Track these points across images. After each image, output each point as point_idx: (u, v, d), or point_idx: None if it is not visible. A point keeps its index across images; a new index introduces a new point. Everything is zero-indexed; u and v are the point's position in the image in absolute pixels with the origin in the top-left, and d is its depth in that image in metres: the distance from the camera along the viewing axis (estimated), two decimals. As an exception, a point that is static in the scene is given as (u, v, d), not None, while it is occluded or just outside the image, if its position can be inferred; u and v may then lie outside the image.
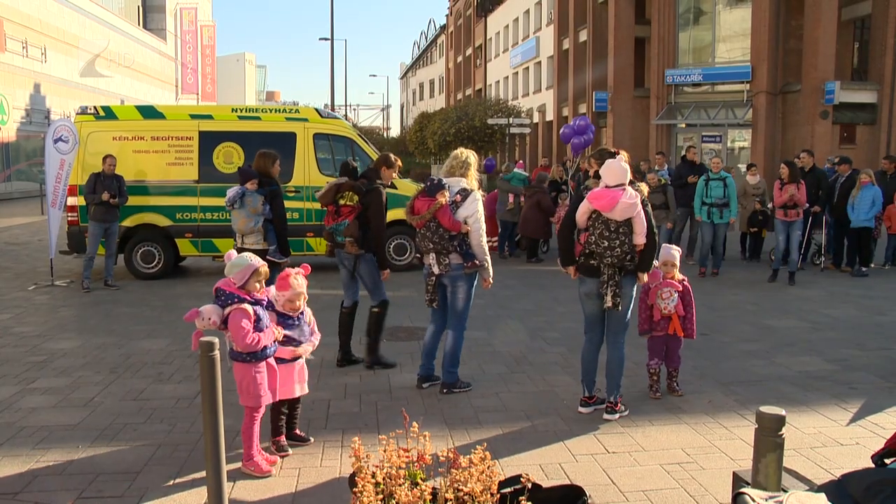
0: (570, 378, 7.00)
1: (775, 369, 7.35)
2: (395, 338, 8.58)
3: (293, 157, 12.91)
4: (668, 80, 33.47)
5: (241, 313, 4.65)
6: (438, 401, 6.33)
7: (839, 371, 7.31)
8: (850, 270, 13.40)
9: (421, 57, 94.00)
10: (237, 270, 4.74)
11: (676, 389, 6.57)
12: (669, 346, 6.58)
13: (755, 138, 30.55)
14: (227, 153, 12.79)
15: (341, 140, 13.37)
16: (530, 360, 7.70)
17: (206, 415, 3.67)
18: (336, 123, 13.57)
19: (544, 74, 49.23)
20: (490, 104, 43.67)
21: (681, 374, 6.99)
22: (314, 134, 13.11)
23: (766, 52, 29.82)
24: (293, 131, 13.04)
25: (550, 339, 8.61)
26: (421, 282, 12.18)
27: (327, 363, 7.37)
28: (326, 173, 13.05)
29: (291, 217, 12.80)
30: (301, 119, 13.18)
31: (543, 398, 6.43)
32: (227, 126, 12.91)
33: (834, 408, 6.21)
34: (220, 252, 12.89)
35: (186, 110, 13.75)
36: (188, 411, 6.03)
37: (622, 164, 5.78)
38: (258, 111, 13.49)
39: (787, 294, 11.40)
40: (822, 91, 28.41)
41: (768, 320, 9.56)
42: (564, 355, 7.86)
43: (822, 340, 8.55)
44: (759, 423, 3.31)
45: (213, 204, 12.63)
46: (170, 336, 8.66)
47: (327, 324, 8.68)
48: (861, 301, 10.94)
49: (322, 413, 5.98)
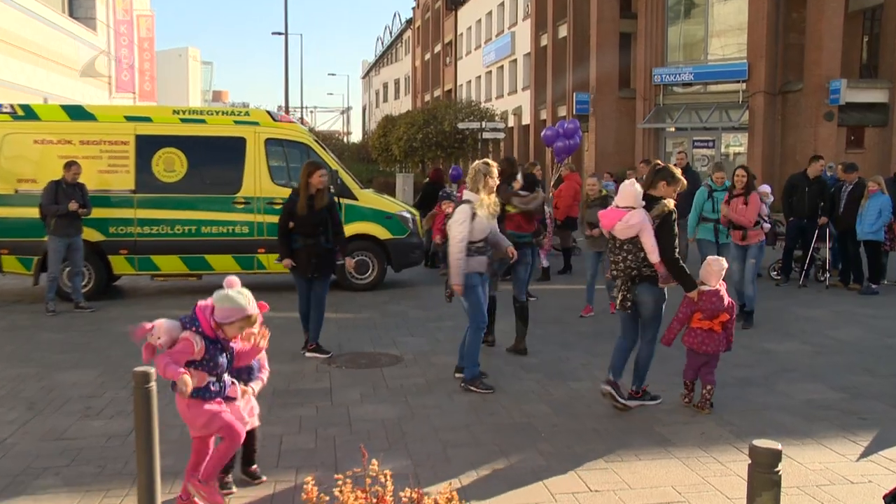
0: (548, 408, 7.00)
1: (775, 398, 7.39)
2: (356, 365, 8.53)
3: (242, 165, 12.86)
4: (655, 79, 33.82)
5: (185, 343, 4.54)
6: (403, 434, 6.30)
7: (847, 399, 7.36)
8: (858, 288, 13.50)
9: (385, 54, 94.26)
10: (226, 307, 4.60)
11: (707, 407, 6.94)
12: (708, 362, 7.01)
13: (752, 143, 30.84)
14: (168, 160, 12.69)
15: (296, 146, 13.33)
16: (505, 388, 7.68)
17: (140, 454, 3.61)
18: (290, 128, 13.54)
19: (520, 74, 49.58)
20: (461, 106, 43.90)
21: (670, 402, 7.03)
22: (266, 139, 13.06)
23: (764, 48, 30.15)
24: (243, 136, 12.98)
25: (527, 364, 8.60)
26: (384, 302, 12.15)
27: (279, 393, 7.31)
28: (280, 182, 12.99)
29: (242, 231, 12.81)
30: (251, 123, 13.13)
31: (519, 431, 6.41)
32: (168, 130, 12.82)
33: (842, 441, 6.23)
34: (159, 270, 12.80)
35: (121, 111, 13.64)
36: (121, 450, 5.93)
37: (634, 186, 6.85)
38: (203, 113, 13.42)
39: (787, 314, 11.51)
40: (827, 90, 28.61)
41: (767, 343, 9.63)
42: (542, 383, 7.85)
43: (827, 365, 8.62)
44: (752, 457, 3.32)
45: (153, 216, 12.53)
46: (101, 365, 8.52)
47: (280, 351, 8.63)
48: (870, 321, 11.04)
49: (273, 449, 5.91)
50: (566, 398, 7.34)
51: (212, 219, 12.77)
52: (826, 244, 13.95)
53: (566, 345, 9.55)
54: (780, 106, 30.81)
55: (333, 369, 8.39)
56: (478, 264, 7.55)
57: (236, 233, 12.83)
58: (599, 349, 9.16)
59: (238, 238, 12.83)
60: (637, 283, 6.86)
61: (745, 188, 10.67)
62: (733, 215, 10.63)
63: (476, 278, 7.57)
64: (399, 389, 7.62)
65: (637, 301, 6.91)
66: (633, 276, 6.84)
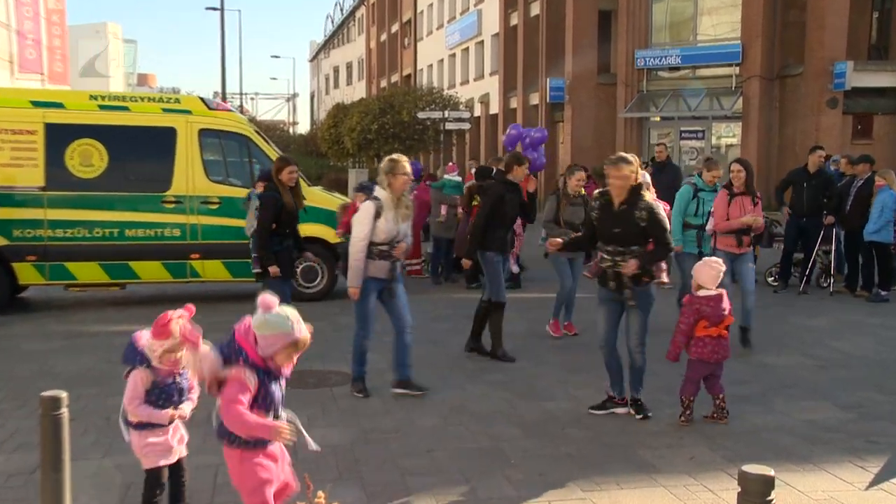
0: (518, 430, 7.01)
1: (773, 417, 7.45)
2: (303, 384, 8.47)
3: (172, 159, 12.74)
4: (638, 62, 34.00)
5: (240, 387, 4.29)
6: (356, 461, 6.26)
7: (854, 420, 7.41)
8: (866, 294, 13.61)
9: (335, 34, 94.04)
10: (269, 333, 4.33)
11: (725, 416, 7.20)
12: (714, 372, 7.20)
13: (746, 134, 31.04)
14: (85, 152, 12.51)
15: (235, 138, 13.27)
16: (469, 408, 7.68)
17: (46, 495, 3.53)
18: (228, 117, 13.48)
19: (488, 57, 49.67)
20: (421, 94, 43.79)
21: (656, 423, 7.06)
22: (200, 130, 12.96)
23: (760, 27, 30.29)
24: (172, 126, 12.86)
25: (494, 382, 8.61)
26: (334, 314, 12.08)
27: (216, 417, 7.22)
28: (216, 179, 12.92)
29: (172, 234, 12.69)
30: (183, 111, 13.01)
31: (486, 456, 6.41)
32: (85, 118, 12.65)
33: (848, 466, 6.28)
34: (75, 279, 12.63)
35: (26, 95, 13.43)
36: (23, 491, 5.78)
37: None
38: (126, 99, 13.25)
39: (786, 324, 11.61)
40: (831, 74, 28.66)
41: (764, 356, 9.70)
42: (511, 402, 7.86)
43: (831, 381, 8.69)
44: (741, 485, 3.35)
45: (67, 217, 12.37)
46: (3, 389, 8.35)
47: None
48: (880, 332, 11.14)
49: (207, 483, 5.85)
50: (538, 419, 7.34)
51: (137, 220, 12.62)
52: (832, 246, 13.99)
53: (539, 360, 9.57)
54: (777, 92, 31.01)
55: (276, 390, 8.32)
56: (378, 269, 7.91)
57: (166, 236, 12.71)
58: (577, 364, 9.20)
59: (168, 242, 12.72)
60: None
61: (745, 185, 10.00)
62: (749, 219, 9.85)
63: (371, 285, 7.94)
64: (351, 411, 7.59)
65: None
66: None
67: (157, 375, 4.81)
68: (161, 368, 4.79)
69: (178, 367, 4.88)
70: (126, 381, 4.75)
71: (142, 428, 4.83)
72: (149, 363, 4.72)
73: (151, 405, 4.78)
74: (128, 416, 4.81)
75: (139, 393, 4.72)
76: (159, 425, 4.85)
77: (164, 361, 4.81)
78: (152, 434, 4.86)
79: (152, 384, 4.74)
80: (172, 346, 4.77)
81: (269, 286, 9.29)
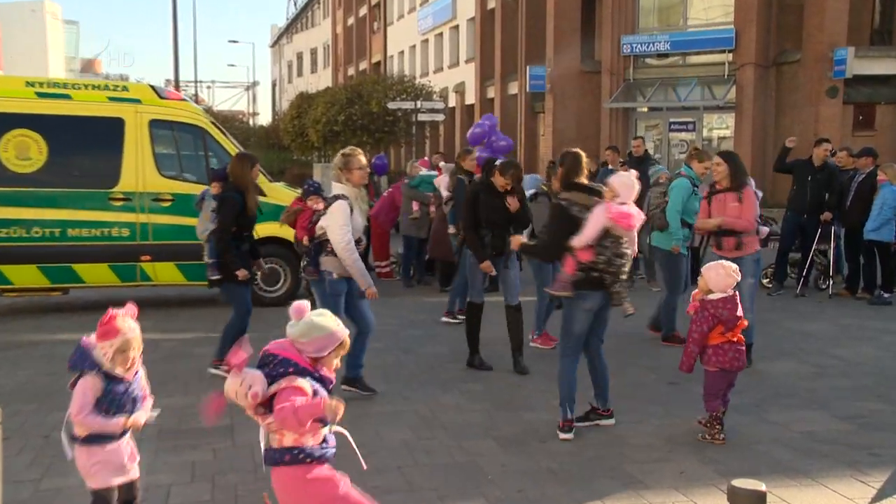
0: (495, 444, 7.02)
1: (768, 429, 7.49)
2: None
3: (120, 153, 12.65)
4: (625, 49, 34.13)
5: (295, 392, 4.27)
6: (320, 481, 6.25)
7: (854, 431, 7.45)
8: (868, 297, 13.71)
9: (299, 18, 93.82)
10: (318, 336, 4.41)
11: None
12: (731, 381, 7.23)
13: (740, 125, 31.18)
14: (22, 144, 12.37)
15: (189, 129, 13.21)
16: (443, 421, 7.68)
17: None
18: (181, 107, 13.40)
19: (463, 43, 49.72)
20: (391, 82, 43.82)
21: (643, 436, 7.09)
22: (150, 120, 12.87)
23: (754, 11, 30.43)
24: (120, 116, 12.77)
25: (471, 392, 8.61)
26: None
27: (168, 433, 7.20)
28: (168, 174, 12.86)
29: (120, 234, 12.59)
30: (131, 100, 12.92)
31: (461, 472, 6.42)
32: (20, 106, 12.49)
33: (849, 481, 6.31)
34: (11, 284, 12.48)
35: None
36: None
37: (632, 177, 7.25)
38: (68, 87, 13.09)
39: (782, 329, 11.67)
40: (831, 61, 28.75)
41: (758, 364, 9.70)
42: (489, 413, 7.88)
43: (830, 390, 8.73)
44: (731, 500, 3.37)
45: (1, 216, 12.22)
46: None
47: (168, 380, 8.50)
48: (882, 337, 11.20)
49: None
50: (518, 432, 7.35)
51: (81, 219, 12.51)
52: (830, 245, 14.06)
53: (519, 368, 9.61)
54: (773, 80, 31.20)
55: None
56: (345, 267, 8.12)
57: (113, 236, 12.62)
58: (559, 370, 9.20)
59: (116, 243, 12.62)
60: None
61: (731, 180, 9.50)
62: (729, 220, 9.41)
63: (342, 285, 8.23)
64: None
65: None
66: None
67: (108, 382, 4.74)
68: (114, 374, 4.73)
69: (133, 371, 4.85)
70: (72, 391, 4.68)
71: (90, 442, 4.73)
72: (100, 368, 4.65)
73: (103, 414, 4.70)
74: (73, 430, 4.72)
75: (89, 401, 4.64)
76: (110, 439, 4.77)
77: (118, 363, 4.77)
78: (102, 449, 4.77)
79: (103, 392, 4.67)
80: (123, 344, 4.75)
81: (228, 292, 9.36)
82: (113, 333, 4.75)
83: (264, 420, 4.32)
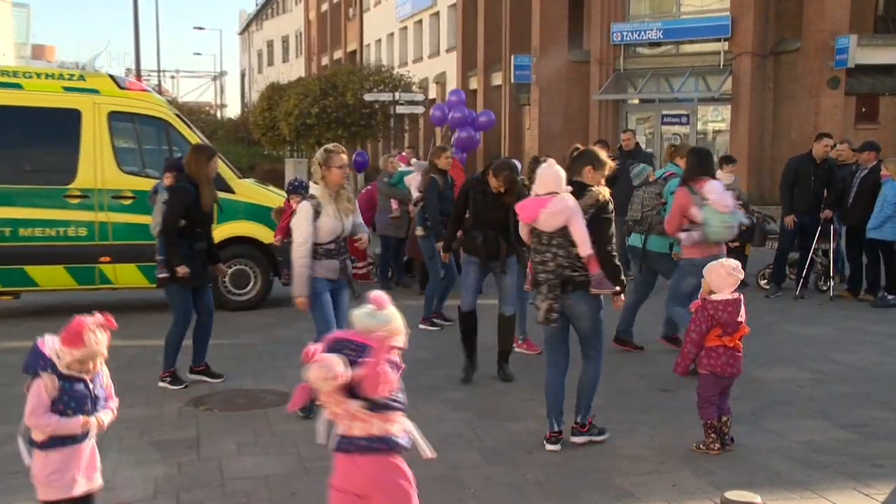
0: (478, 456, 7.03)
1: (765, 438, 7.51)
2: (232, 406, 8.45)
3: (77, 147, 12.58)
4: (615, 37, 34.11)
5: (388, 372, 4.49)
6: (293, 495, 6.25)
7: (857, 441, 7.48)
8: (871, 299, 13.73)
9: (269, 3, 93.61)
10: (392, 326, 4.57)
11: (728, 443, 7.13)
12: (726, 388, 7.21)
13: (736, 118, 31.19)
14: None
15: (151, 122, 13.16)
16: (423, 431, 7.61)
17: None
18: (143, 98, 13.34)
19: (444, 31, 49.68)
20: (368, 73, 43.77)
21: (634, 446, 7.10)
22: (110, 112, 12.80)
23: (752, -2, 30.45)
24: (76, 108, 12.68)
25: (452, 401, 8.63)
26: (269, 325, 12.03)
27: (129, 446, 7.17)
28: (129, 170, 12.80)
29: (77, 234, 12.52)
30: (88, 90, 12.84)
31: (442, 485, 6.41)
32: None
33: (851, 493, 6.34)
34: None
35: None
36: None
37: (554, 168, 7.16)
38: (18, 75, 13.00)
39: (780, 332, 11.72)
40: (832, 50, 28.63)
41: (756, 370, 9.69)
42: (471, 424, 7.88)
43: (831, 397, 8.76)
44: (723, 514, 3.38)
45: None
46: None
47: (130, 390, 8.46)
48: (886, 342, 11.24)
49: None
50: (502, 443, 7.37)
51: (34, 218, 12.43)
52: (830, 244, 14.04)
53: (503, 375, 9.61)
54: (771, 71, 31.20)
55: (202, 413, 8.29)
56: (325, 269, 8.13)
57: (70, 236, 12.55)
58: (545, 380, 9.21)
59: (72, 243, 12.55)
60: (569, 290, 7.10)
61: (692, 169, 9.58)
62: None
63: (322, 284, 8.12)
64: (288, 436, 7.56)
65: (570, 313, 7.21)
66: (565, 280, 7.07)
67: (65, 381, 4.70)
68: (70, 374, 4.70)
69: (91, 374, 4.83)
70: (27, 393, 4.65)
71: (49, 447, 4.68)
72: (54, 368, 4.61)
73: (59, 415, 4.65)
74: (31, 434, 4.70)
75: (44, 401, 4.60)
76: (71, 442, 4.72)
77: (71, 369, 4.75)
78: (60, 455, 4.71)
79: (60, 390, 4.61)
80: (84, 356, 4.73)
81: (167, 293, 9.23)
82: (77, 343, 4.72)
83: (341, 406, 4.42)
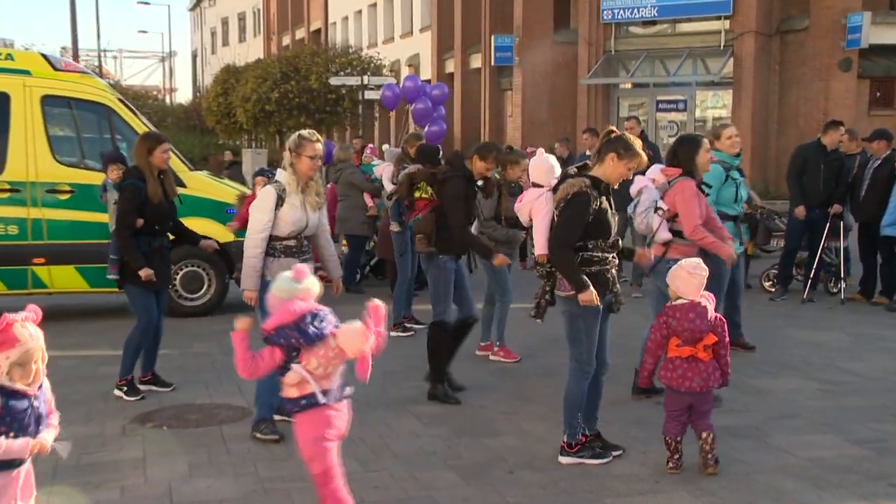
0: (455, 476, 7.04)
1: (771, 455, 7.53)
2: (183, 422, 8.43)
3: (5, 134, 12.54)
4: (605, 16, 34.20)
5: None
6: (249, 521, 6.24)
7: (870, 458, 7.48)
8: (885, 302, 13.75)
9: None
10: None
11: (711, 464, 6.98)
12: (695, 405, 6.98)
13: (738, 104, 31.28)
14: None
15: (91, 108, 13.15)
16: (394, 449, 7.69)
17: None
18: (81, 80, 13.30)
19: (417, 9, 49.70)
20: (334, 54, 43.78)
21: (627, 465, 7.11)
22: (43, 97, 12.77)
23: (755, -29, 30.53)
24: (4, 91, 12.63)
25: (427, 415, 8.63)
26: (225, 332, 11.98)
27: (66, 469, 7.13)
28: (66, 161, 12.76)
29: (7, 233, 12.45)
30: (18, 71, 12.79)
31: (416, 510, 6.41)
32: None
33: (864, 514, 6.38)
34: None
35: None
36: None
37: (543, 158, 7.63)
38: None
39: (786, 339, 11.75)
40: (843, 29, 28.86)
41: (758, 380, 9.80)
42: (447, 440, 7.89)
43: (842, 410, 8.78)
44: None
45: None
46: None
47: (67, 403, 8.41)
48: (900, 349, 11.30)
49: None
50: (480, 461, 7.38)
51: None
52: (841, 242, 14.05)
53: (480, 387, 9.61)
54: (777, 52, 31.35)
55: (150, 430, 8.26)
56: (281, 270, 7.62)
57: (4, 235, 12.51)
58: (528, 391, 9.23)
59: (1, 243, 12.49)
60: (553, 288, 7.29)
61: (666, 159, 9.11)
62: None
63: None
64: (245, 455, 7.56)
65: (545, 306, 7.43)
66: (549, 274, 7.28)
67: (6, 398, 4.62)
68: (12, 388, 4.63)
69: (37, 384, 4.76)
70: None
71: None
72: None
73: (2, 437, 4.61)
74: None
75: None
76: (6, 468, 4.66)
77: (16, 377, 4.66)
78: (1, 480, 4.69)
79: (1, 411, 4.56)
80: (22, 356, 4.63)
81: (128, 296, 9.26)
82: (9, 343, 4.64)
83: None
